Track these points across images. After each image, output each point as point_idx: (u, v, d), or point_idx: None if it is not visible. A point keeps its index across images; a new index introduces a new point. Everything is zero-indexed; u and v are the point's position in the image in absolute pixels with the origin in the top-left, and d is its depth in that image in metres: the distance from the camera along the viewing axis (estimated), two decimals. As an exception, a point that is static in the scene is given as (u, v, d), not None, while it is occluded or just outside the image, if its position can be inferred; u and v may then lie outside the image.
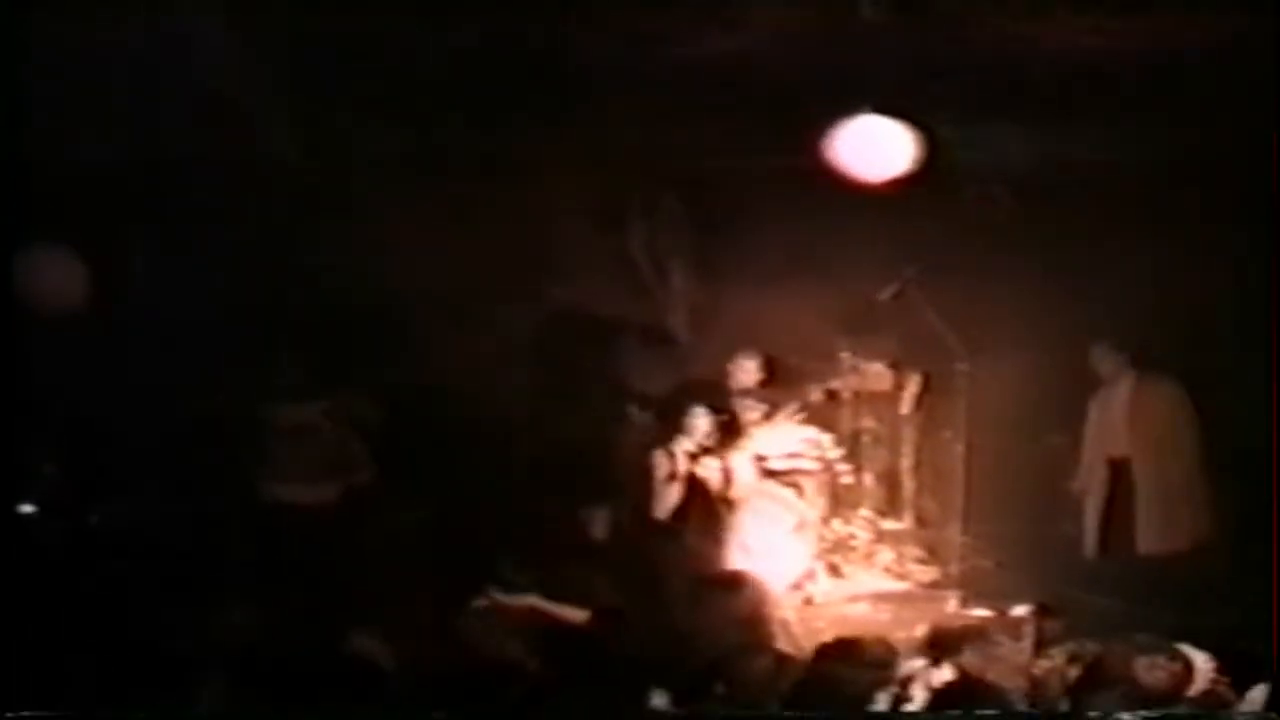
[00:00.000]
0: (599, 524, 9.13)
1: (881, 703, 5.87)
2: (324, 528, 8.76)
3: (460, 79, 8.33)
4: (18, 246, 8.36)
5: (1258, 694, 6.05)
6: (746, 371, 9.61)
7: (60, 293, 8.49)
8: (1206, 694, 6.08)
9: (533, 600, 7.09)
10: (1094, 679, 6.28)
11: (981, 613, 8.57)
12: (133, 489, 8.79)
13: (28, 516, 8.47)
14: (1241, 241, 8.73)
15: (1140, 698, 5.92)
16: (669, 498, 9.00)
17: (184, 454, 8.86)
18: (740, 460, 9.24)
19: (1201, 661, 6.16)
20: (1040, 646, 7.34)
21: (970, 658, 6.55)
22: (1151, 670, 6.05)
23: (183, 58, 7.80)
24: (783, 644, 7.54)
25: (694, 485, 9.11)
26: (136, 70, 7.82)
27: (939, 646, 6.63)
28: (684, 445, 9.07)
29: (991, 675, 6.43)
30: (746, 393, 9.59)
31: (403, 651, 6.52)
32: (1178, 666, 6.05)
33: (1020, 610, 8.32)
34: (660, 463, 9.01)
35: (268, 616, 6.83)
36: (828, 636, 6.91)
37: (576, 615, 7.00)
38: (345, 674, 5.72)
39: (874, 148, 8.43)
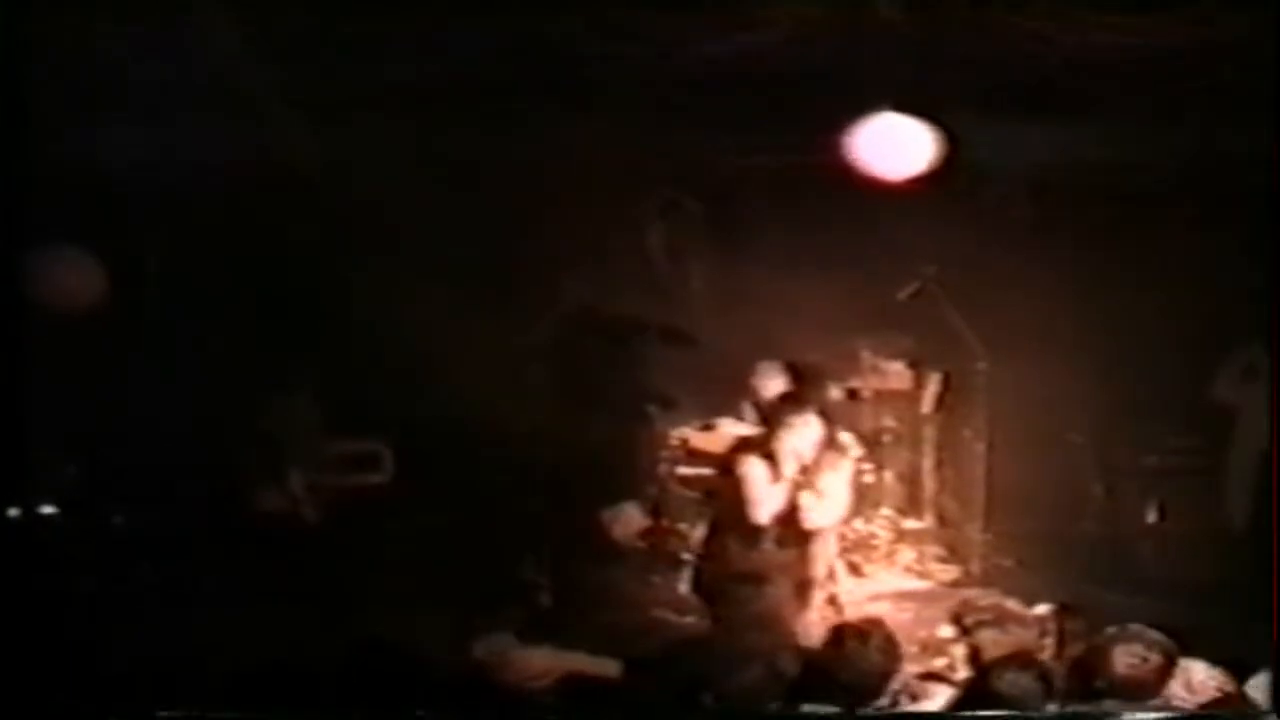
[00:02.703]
0: (619, 526, 9.17)
1: (891, 688, 5.85)
2: (343, 531, 8.79)
3: (477, 80, 8.35)
4: (33, 248, 8.41)
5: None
6: (772, 380, 9.57)
7: (78, 293, 8.53)
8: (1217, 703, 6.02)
9: (566, 659, 6.84)
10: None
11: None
12: (154, 490, 8.82)
13: (48, 517, 8.51)
14: (1260, 240, 8.68)
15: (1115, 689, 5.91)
16: (772, 502, 7.96)
17: (202, 456, 8.90)
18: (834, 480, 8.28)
19: (1202, 672, 6.11)
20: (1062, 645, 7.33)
21: (991, 635, 6.55)
22: (1128, 661, 6.01)
23: (193, 57, 7.83)
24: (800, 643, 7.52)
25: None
26: (145, 69, 7.86)
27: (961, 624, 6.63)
28: (793, 447, 8.02)
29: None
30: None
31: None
32: (1156, 658, 6.00)
33: (1042, 609, 8.32)
34: (760, 469, 8.00)
35: (283, 620, 6.87)
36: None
37: (609, 669, 6.85)
38: (363, 679, 5.75)
39: (893, 146, 8.41)
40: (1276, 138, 7.87)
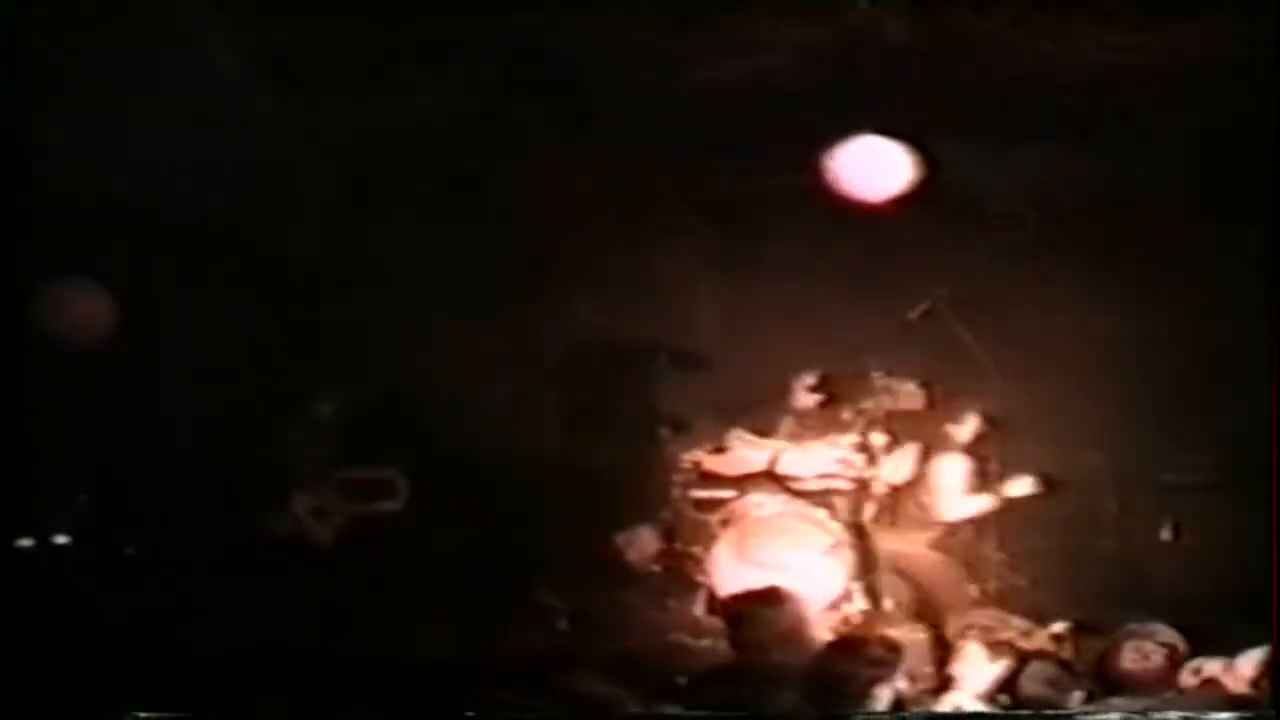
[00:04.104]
0: (634, 550, 9.18)
1: (883, 699, 5.89)
2: (358, 557, 8.80)
3: (481, 102, 8.41)
4: (40, 275, 8.45)
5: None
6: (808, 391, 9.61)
7: (89, 323, 8.57)
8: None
9: None
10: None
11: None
12: (166, 519, 8.83)
13: (61, 547, 8.51)
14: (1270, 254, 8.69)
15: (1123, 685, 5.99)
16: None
17: (215, 483, 8.92)
18: None
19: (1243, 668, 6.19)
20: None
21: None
22: (1133, 658, 6.09)
23: (203, 87, 7.89)
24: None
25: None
26: (157, 100, 7.92)
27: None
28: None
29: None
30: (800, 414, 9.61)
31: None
32: (1159, 657, 6.08)
33: (1057, 628, 8.31)
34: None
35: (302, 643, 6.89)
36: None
37: None
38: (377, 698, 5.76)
39: (896, 167, 8.46)
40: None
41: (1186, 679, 6.22)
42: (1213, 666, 6.34)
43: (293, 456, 9.02)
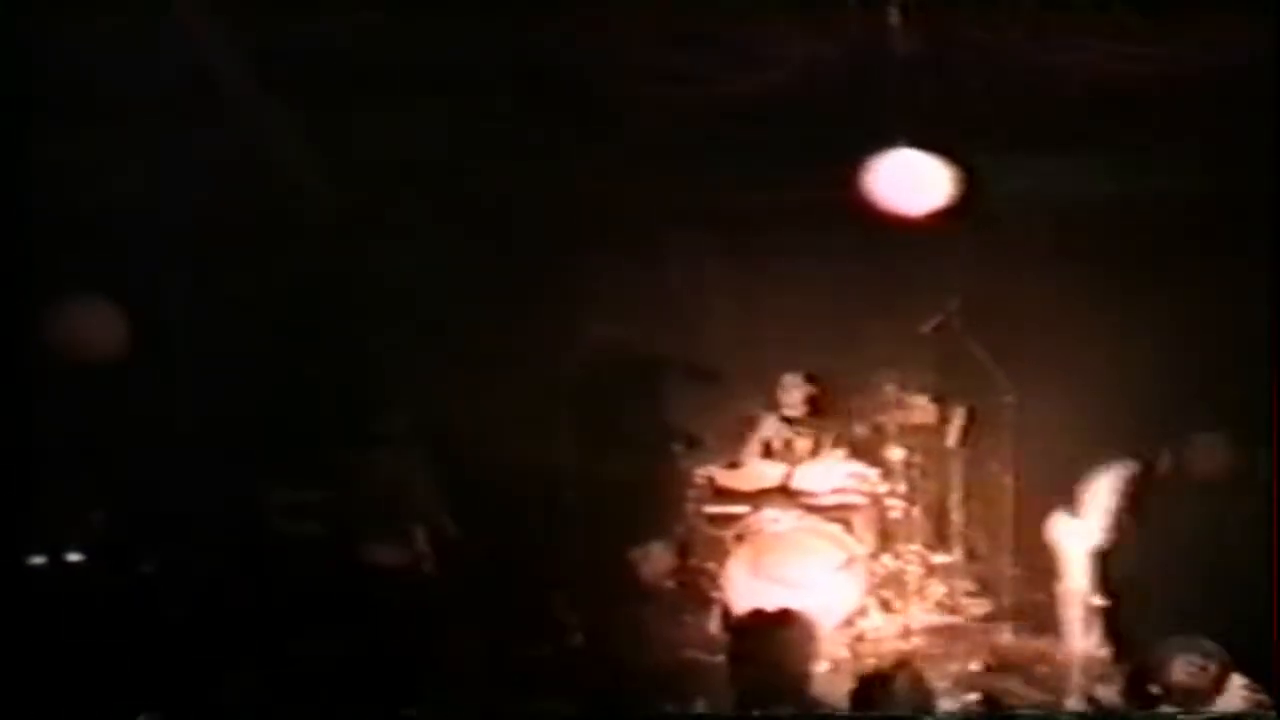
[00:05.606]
0: (648, 565, 9.17)
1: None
2: (383, 575, 8.81)
3: (492, 118, 8.44)
4: (58, 294, 8.47)
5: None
6: (794, 391, 9.61)
7: (103, 340, 8.58)
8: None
9: None
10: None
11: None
12: (184, 537, 8.83)
13: (77, 565, 8.50)
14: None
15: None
16: None
17: (235, 500, 8.92)
18: None
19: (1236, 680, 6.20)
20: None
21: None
22: (1187, 669, 6.12)
23: (209, 101, 7.93)
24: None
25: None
26: (167, 114, 7.96)
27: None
28: None
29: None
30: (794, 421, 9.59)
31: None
32: (1214, 666, 6.11)
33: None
34: None
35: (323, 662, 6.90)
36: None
37: None
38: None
39: (910, 181, 8.46)
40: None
41: (1235, 695, 6.22)
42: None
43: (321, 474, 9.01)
